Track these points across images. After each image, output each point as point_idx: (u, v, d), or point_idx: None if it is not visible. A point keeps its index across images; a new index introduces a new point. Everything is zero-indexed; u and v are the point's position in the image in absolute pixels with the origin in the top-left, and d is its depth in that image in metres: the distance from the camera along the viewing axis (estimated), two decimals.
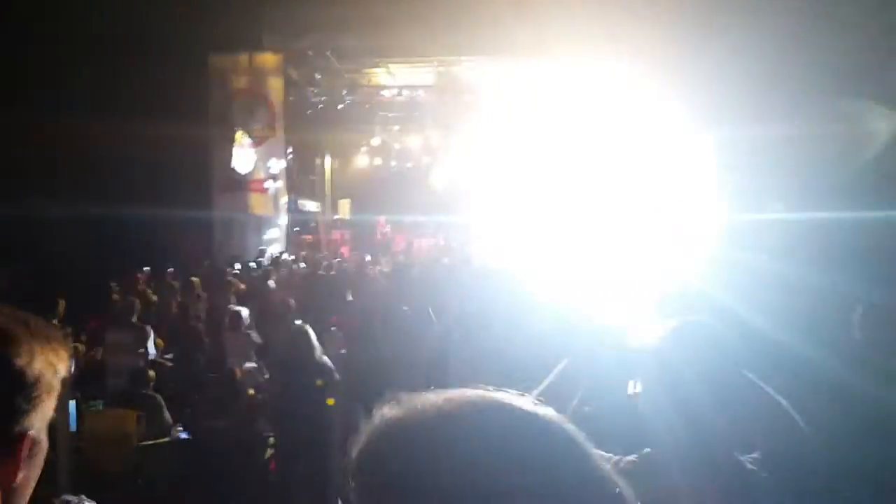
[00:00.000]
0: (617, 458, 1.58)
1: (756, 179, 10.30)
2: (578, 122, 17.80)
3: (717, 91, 10.63)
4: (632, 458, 1.59)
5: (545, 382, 2.35)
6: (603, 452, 1.58)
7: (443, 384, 0.83)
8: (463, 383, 0.81)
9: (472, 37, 16.10)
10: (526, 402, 0.78)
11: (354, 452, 0.77)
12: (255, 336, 7.90)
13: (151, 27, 13.47)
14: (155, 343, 7.91)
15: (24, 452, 1.10)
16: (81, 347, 7.51)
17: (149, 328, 7.80)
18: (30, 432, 1.11)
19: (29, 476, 1.13)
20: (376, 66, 18.63)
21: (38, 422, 1.13)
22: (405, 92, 20.12)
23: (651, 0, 13.04)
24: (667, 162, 13.77)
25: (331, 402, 5.69)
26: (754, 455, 1.61)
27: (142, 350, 7.43)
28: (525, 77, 18.63)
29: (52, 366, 1.14)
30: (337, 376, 5.81)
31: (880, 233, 7.90)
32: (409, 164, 22.83)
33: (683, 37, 11.47)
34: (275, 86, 17.14)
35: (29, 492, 1.14)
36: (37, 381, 1.11)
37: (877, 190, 8.51)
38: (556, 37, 15.97)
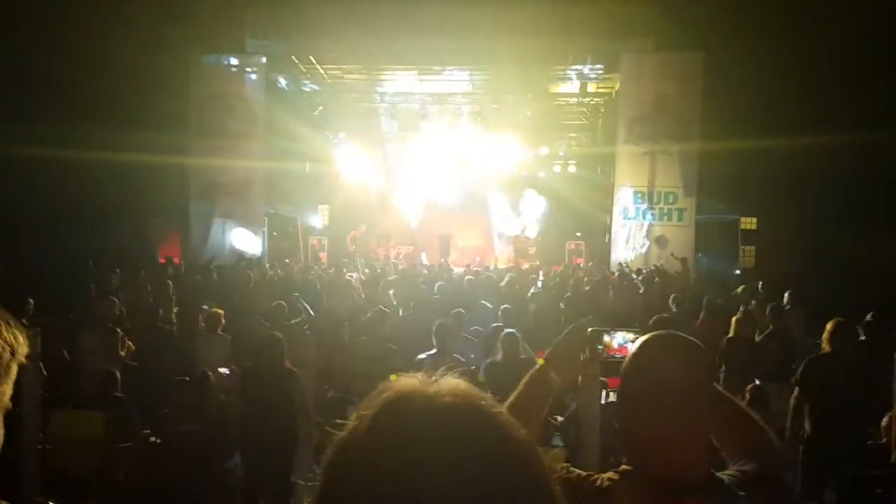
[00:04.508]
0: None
1: None
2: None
3: None
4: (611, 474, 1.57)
5: None
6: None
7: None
8: None
9: (455, 46, 16.19)
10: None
11: (323, 466, 0.75)
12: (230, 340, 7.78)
13: (133, 29, 13.36)
14: (125, 345, 7.79)
15: None
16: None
17: (119, 331, 7.67)
18: None
19: None
20: (359, 71, 18.62)
21: None
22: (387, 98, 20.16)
23: None
24: None
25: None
26: (729, 472, 1.60)
27: (114, 353, 7.31)
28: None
29: (10, 347, 1.10)
30: None
31: None
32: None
33: None
34: (256, 90, 17.04)
35: None
36: None
37: None
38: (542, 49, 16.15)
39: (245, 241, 16.81)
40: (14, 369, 1.12)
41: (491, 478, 0.69)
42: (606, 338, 2.02)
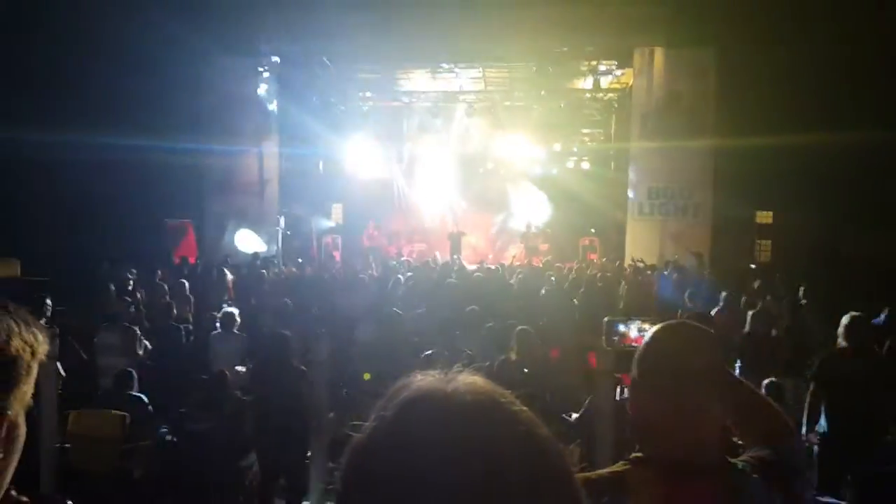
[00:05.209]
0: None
1: None
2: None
3: None
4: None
5: None
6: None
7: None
8: None
9: (468, 44, 16.15)
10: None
11: (346, 460, 0.74)
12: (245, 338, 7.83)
13: (148, 30, 13.44)
14: (143, 344, 7.86)
15: (2, 433, 1.07)
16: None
17: (137, 330, 7.75)
18: (7, 413, 1.08)
19: (7, 461, 1.10)
20: (372, 71, 18.65)
21: (16, 403, 1.10)
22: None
23: None
24: None
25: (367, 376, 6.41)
26: (744, 458, 1.60)
27: (131, 351, 7.39)
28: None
29: (31, 347, 1.11)
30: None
31: None
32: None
33: None
34: (270, 90, 17.11)
35: (7, 478, 1.11)
36: (14, 360, 1.08)
37: None
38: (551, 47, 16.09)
39: (250, 242, 16.76)
40: (35, 369, 1.13)
41: (515, 476, 0.69)
42: (622, 327, 2.01)
